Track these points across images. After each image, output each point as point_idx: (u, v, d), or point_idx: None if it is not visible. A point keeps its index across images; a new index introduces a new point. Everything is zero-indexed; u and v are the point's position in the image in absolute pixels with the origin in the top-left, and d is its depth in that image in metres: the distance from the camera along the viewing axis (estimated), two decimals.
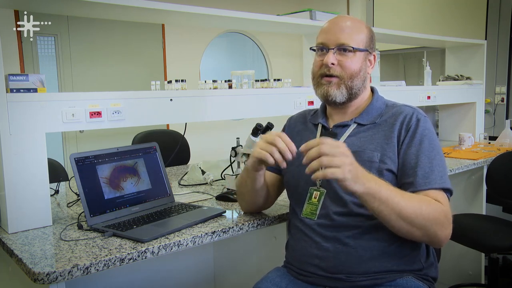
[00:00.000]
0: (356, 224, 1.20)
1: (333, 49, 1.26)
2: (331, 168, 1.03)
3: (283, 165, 1.20)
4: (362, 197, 1.08)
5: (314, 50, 1.34)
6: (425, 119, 1.25)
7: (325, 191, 1.26)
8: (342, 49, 1.26)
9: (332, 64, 1.26)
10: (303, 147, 1.08)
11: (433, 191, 1.16)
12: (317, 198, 1.27)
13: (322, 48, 1.29)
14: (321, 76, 1.29)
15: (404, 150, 1.21)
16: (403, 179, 1.20)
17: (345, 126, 1.31)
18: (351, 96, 1.29)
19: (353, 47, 1.26)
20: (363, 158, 1.22)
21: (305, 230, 1.27)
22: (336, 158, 1.03)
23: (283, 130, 1.50)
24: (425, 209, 1.10)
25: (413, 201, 1.11)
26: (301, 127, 1.44)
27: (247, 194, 1.40)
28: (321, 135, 1.35)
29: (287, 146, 1.18)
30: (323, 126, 1.36)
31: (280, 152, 1.18)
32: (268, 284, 1.31)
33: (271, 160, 1.18)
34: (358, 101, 1.33)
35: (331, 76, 1.27)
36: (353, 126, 1.30)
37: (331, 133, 1.32)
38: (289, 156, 1.18)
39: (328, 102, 1.32)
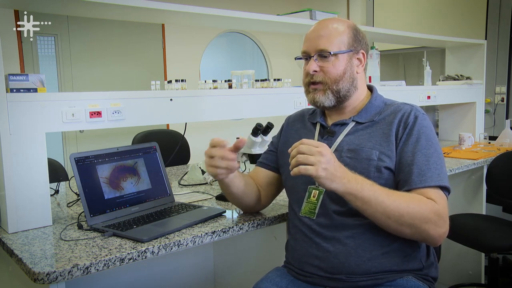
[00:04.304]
0: (355, 224, 1.20)
1: (313, 56, 1.28)
2: (306, 166, 1.07)
3: (235, 166, 1.24)
4: (344, 196, 1.12)
5: (300, 59, 1.35)
6: (423, 116, 1.25)
7: (324, 190, 1.25)
8: (322, 55, 1.27)
9: (315, 71, 1.28)
10: (290, 148, 1.13)
11: (430, 189, 1.15)
12: (315, 196, 1.27)
13: (305, 57, 1.32)
14: (308, 84, 1.31)
15: (401, 147, 1.21)
16: (399, 176, 1.20)
17: (343, 124, 1.32)
18: (340, 99, 1.30)
19: (330, 52, 1.26)
20: (361, 156, 1.22)
21: (304, 230, 1.27)
22: (311, 157, 1.07)
23: (281, 129, 1.50)
24: (413, 208, 1.10)
25: (400, 200, 1.11)
26: (299, 125, 1.44)
27: (232, 199, 1.40)
28: (319, 134, 1.35)
29: (221, 147, 1.22)
30: (321, 125, 1.36)
31: (222, 158, 1.22)
32: (268, 284, 1.31)
33: (221, 175, 1.24)
34: (354, 101, 1.33)
35: (315, 83, 1.29)
36: (351, 125, 1.30)
37: (329, 131, 1.32)
38: (231, 156, 1.22)
39: (318, 108, 1.34)
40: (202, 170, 2.04)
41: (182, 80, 1.78)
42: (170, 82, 1.79)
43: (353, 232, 1.20)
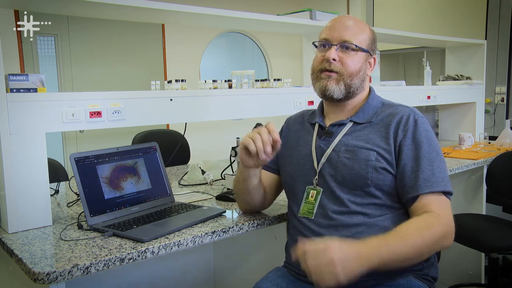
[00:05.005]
0: (355, 223, 1.20)
1: (336, 45, 1.27)
2: (322, 280, 1.00)
3: (262, 156, 1.22)
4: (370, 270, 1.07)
5: (316, 45, 1.34)
6: (423, 120, 1.25)
7: (322, 189, 1.26)
8: (345, 46, 1.27)
9: (334, 60, 1.26)
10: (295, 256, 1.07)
11: (435, 195, 1.17)
12: (313, 197, 1.27)
13: (325, 44, 1.30)
14: (321, 71, 1.29)
15: (405, 152, 1.21)
16: (404, 181, 1.20)
17: (341, 125, 1.31)
18: (349, 94, 1.29)
19: (356, 45, 1.26)
20: (359, 156, 1.22)
21: (303, 231, 1.27)
22: (325, 273, 0.99)
23: (281, 131, 1.49)
24: (428, 238, 1.10)
25: (414, 239, 1.08)
26: (298, 127, 1.44)
27: (241, 192, 1.40)
28: (317, 134, 1.35)
29: (271, 135, 1.22)
30: (319, 125, 1.36)
31: (263, 142, 1.21)
32: (269, 284, 1.31)
33: (252, 147, 1.21)
34: (356, 100, 1.33)
35: (331, 71, 1.27)
36: (349, 125, 1.30)
37: (327, 132, 1.32)
38: (268, 149, 1.21)
39: (325, 97, 1.31)
40: (202, 170, 2.04)
41: (182, 80, 1.78)
42: (170, 82, 1.79)
43: (353, 231, 1.20)
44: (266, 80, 2.07)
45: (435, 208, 1.15)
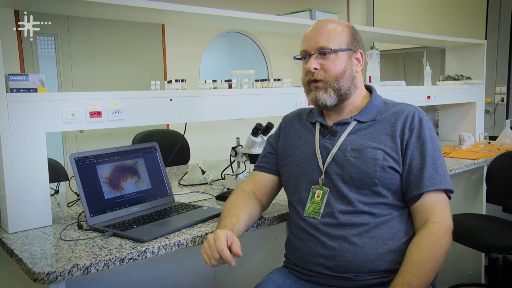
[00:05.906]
0: (361, 222, 1.20)
1: (313, 54, 1.28)
2: None
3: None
4: None
5: (299, 59, 1.35)
6: (426, 118, 1.27)
7: (328, 190, 1.26)
8: (322, 52, 1.27)
9: (315, 69, 1.27)
10: None
11: (438, 193, 1.20)
12: (320, 196, 1.27)
13: (305, 56, 1.31)
14: (309, 83, 1.31)
15: (411, 150, 1.23)
16: (409, 180, 1.21)
17: (344, 124, 1.31)
18: (341, 97, 1.29)
19: (331, 49, 1.26)
20: (366, 156, 1.23)
21: (309, 230, 1.26)
22: None
23: (279, 129, 1.48)
24: (440, 254, 1.15)
25: (431, 263, 1.13)
26: (297, 125, 1.43)
27: None
28: (320, 133, 1.34)
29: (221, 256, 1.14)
30: (321, 125, 1.36)
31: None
32: (271, 285, 1.30)
33: (210, 266, 1.16)
34: (353, 100, 1.33)
35: (316, 81, 1.28)
36: (353, 124, 1.30)
37: (331, 131, 1.32)
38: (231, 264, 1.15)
39: (319, 107, 1.33)
40: (202, 170, 2.04)
41: (182, 80, 1.78)
42: (170, 82, 1.79)
43: (360, 230, 1.20)
44: (266, 80, 2.07)
45: (437, 209, 1.19)
